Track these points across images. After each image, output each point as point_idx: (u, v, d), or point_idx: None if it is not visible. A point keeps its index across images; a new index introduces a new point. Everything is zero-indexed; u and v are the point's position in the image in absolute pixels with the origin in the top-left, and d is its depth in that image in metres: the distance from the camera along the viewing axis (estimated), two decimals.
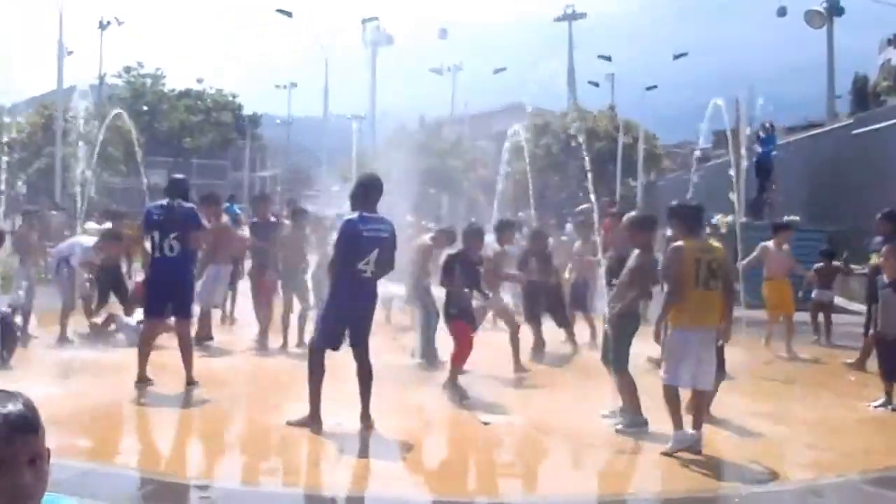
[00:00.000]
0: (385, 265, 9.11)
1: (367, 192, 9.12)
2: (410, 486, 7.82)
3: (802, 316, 15.95)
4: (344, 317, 8.97)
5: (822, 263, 16.33)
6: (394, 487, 7.59)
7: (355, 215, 8.95)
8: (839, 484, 7.73)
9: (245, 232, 15.99)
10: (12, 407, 2.39)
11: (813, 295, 16.38)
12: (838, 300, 19.84)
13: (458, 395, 10.42)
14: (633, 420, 9.11)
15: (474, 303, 11.66)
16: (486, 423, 9.46)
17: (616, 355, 9.29)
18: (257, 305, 14.26)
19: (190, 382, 10.46)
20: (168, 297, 10.72)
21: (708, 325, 8.49)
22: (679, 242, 8.70)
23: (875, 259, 12.66)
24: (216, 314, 15.40)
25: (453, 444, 9.30)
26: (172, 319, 10.89)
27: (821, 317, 16.23)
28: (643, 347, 9.78)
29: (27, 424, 2.39)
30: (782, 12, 47.76)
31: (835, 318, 16.41)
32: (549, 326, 14.36)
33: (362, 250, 8.82)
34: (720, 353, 9.28)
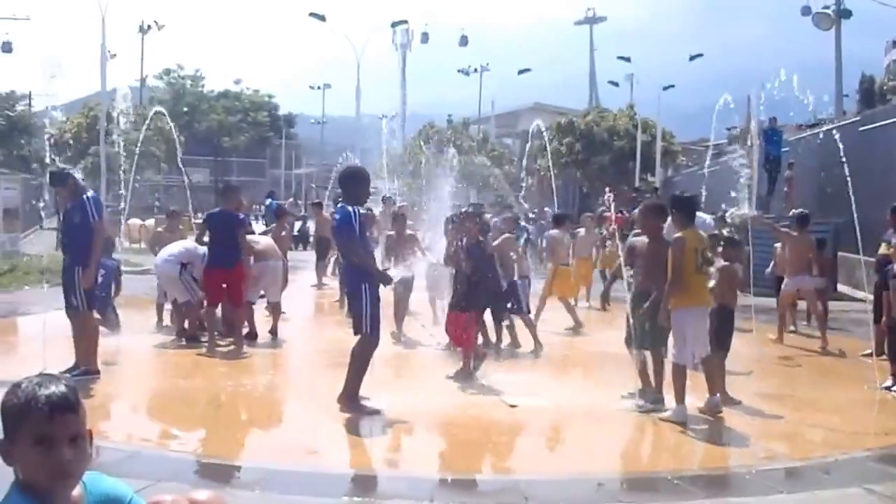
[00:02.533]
0: (339, 249, 9.85)
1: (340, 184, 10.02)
2: (441, 465, 8.15)
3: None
4: None
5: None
6: (425, 466, 7.96)
7: None
8: (846, 461, 7.93)
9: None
10: (55, 388, 2.58)
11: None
12: (843, 288, 20.70)
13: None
14: (656, 398, 9.67)
15: None
16: (512, 406, 9.80)
17: (654, 336, 9.76)
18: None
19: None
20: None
21: (704, 304, 9.45)
22: (680, 234, 9.45)
23: (884, 249, 13.08)
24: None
25: (482, 425, 9.28)
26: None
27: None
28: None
29: (68, 404, 2.57)
30: (806, 11, 48.89)
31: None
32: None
33: None
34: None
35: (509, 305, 13.29)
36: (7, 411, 2.60)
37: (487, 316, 12.78)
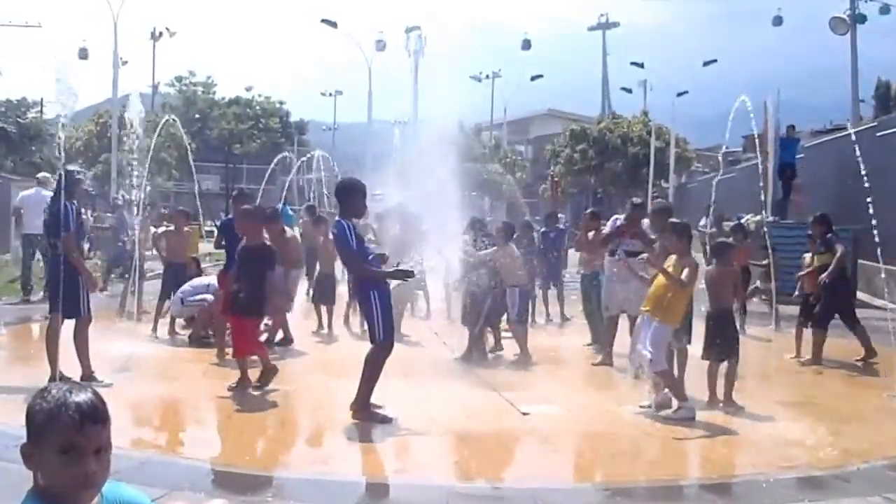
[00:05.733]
0: (342, 262, 10.11)
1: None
2: (454, 472, 8.08)
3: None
4: None
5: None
6: (438, 474, 7.94)
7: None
8: (866, 470, 7.86)
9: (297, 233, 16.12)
10: (84, 397, 2.53)
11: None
12: (862, 295, 20.61)
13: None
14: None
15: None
16: (525, 413, 9.71)
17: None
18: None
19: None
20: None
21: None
22: (694, 261, 9.96)
23: None
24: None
25: (495, 433, 9.23)
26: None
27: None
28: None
29: (98, 415, 2.53)
30: (778, 21, 49.94)
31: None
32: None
33: None
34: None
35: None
36: (35, 415, 2.52)
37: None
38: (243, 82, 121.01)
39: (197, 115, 66.94)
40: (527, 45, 75.23)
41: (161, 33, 68.24)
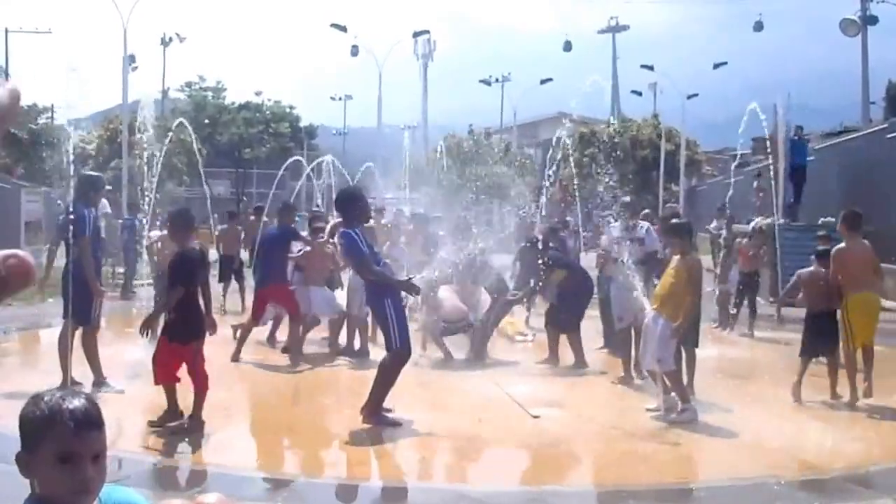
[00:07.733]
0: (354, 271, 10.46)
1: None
2: (465, 476, 8.23)
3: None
4: None
5: None
6: (448, 478, 8.11)
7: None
8: (877, 472, 7.89)
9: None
10: (78, 403, 2.50)
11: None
12: None
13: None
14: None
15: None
16: (535, 417, 9.74)
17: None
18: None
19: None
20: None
21: None
22: (697, 259, 10.04)
23: None
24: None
25: (505, 436, 9.25)
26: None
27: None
28: None
29: (93, 421, 2.50)
30: (759, 27, 50.28)
31: None
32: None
33: None
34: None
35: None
36: (29, 423, 2.50)
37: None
38: (253, 87, 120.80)
39: (207, 121, 66.91)
40: (568, 46, 75.04)
41: (171, 39, 68.50)
